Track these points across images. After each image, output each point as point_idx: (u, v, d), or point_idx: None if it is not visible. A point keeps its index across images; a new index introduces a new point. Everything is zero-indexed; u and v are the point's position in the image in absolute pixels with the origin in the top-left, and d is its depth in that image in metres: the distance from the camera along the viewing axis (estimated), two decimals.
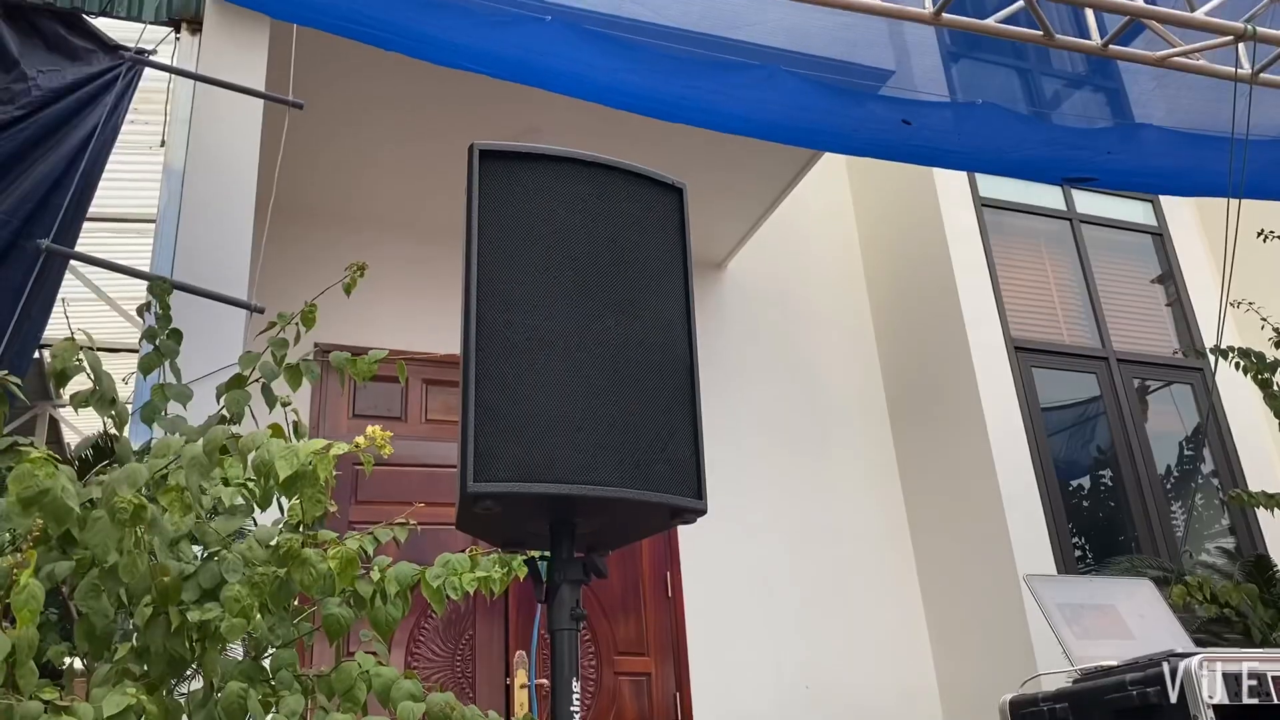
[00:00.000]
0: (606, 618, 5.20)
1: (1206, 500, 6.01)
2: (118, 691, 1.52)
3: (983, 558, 5.38)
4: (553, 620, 1.61)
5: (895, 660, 5.61)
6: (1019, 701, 2.00)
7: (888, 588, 5.79)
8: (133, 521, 1.54)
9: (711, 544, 5.51)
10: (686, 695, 5.17)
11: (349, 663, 1.91)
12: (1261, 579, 3.71)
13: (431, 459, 5.15)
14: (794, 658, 5.43)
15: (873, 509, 5.95)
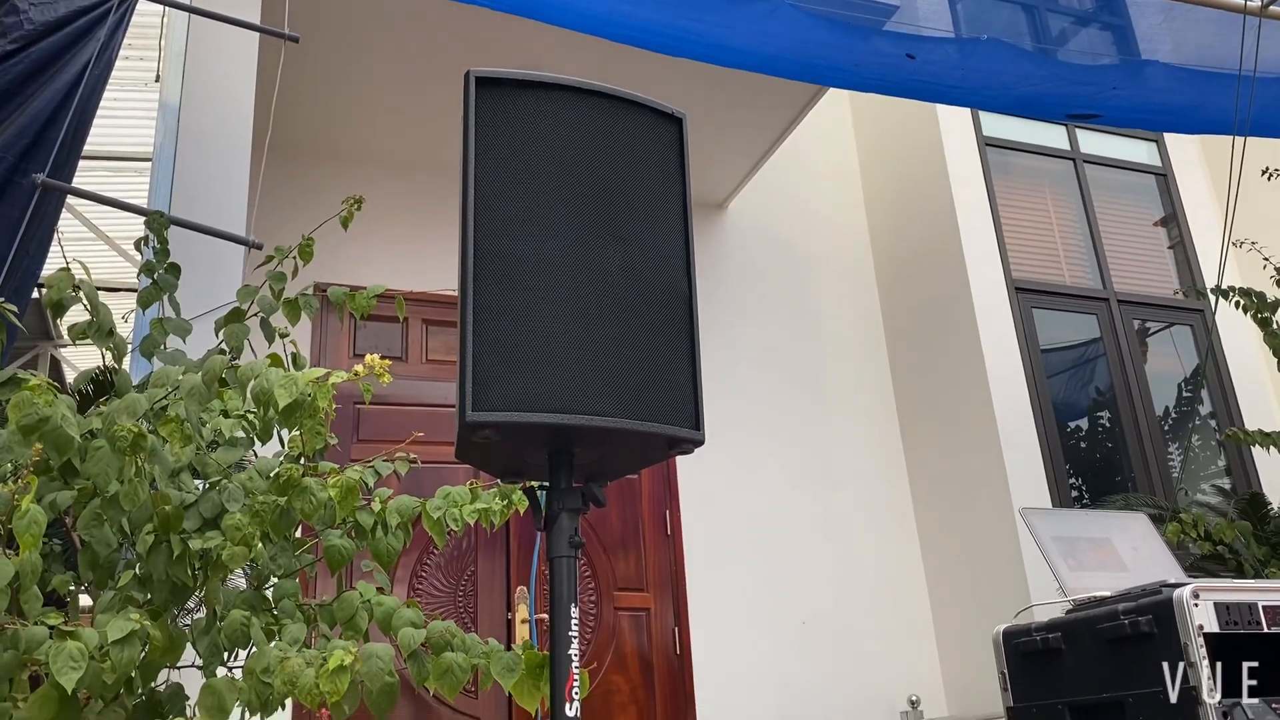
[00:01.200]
0: (607, 555, 5.26)
1: (1203, 441, 6.04)
2: (122, 617, 1.54)
3: (980, 496, 5.42)
4: (552, 548, 1.62)
5: (891, 596, 5.68)
6: (1012, 632, 2.02)
7: (884, 525, 5.84)
8: (133, 450, 1.55)
9: (710, 483, 5.55)
10: (685, 630, 5.25)
11: (351, 592, 1.94)
12: (1255, 516, 3.74)
13: (432, 398, 5.17)
14: (790, 594, 5.50)
15: (871, 448, 5.99)
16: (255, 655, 1.68)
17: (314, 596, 2.09)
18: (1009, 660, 2.02)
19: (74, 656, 1.48)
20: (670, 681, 5.15)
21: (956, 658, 5.52)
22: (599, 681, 4.98)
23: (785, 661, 5.37)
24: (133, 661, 1.54)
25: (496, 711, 4.73)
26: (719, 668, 5.23)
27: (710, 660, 5.22)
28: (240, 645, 1.80)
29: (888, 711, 5.41)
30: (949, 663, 5.57)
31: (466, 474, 4.22)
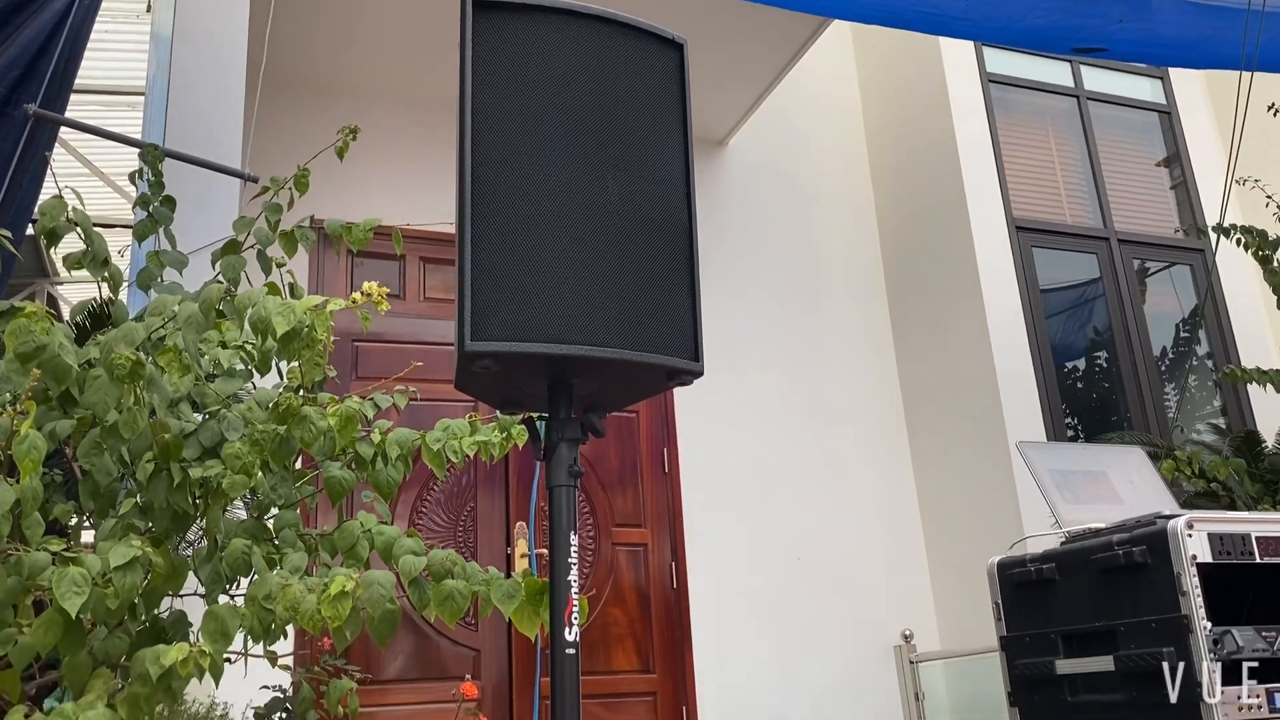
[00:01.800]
0: (605, 491, 5.29)
1: (1200, 382, 6.06)
2: (124, 544, 1.55)
3: (976, 434, 5.44)
4: (551, 477, 1.63)
5: (886, 532, 5.74)
6: (1006, 563, 2.04)
7: (880, 463, 5.88)
8: (131, 378, 1.55)
9: (708, 421, 5.57)
10: (682, 565, 5.30)
11: (351, 522, 1.95)
12: (1250, 454, 3.76)
13: (430, 336, 5.16)
14: (786, 530, 5.55)
15: (868, 386, 6.01)
16: (257, 582, 1.70)
17: (315, 528, 2.11)
18: (1002, 591, 2.04)
19: (77, 582, 1.50)
20: (667, 615, 5.22)
21: (949, 593, 5.59)
22: (597, 614, 5.05)
23: (780, 596, 5.44)
24: (135, 588, 1.55)
25: (496, 643, 4.80)
26: (715, 602, 5.30)
27: (706, 595, 5.29)
28: (242, 573, 1.82)
29: (881, 645, 5.49)
30: (942, 598, 5.64)
31: (465, 411, 4.22)
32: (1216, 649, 1.66)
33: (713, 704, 5.11)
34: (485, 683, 4.69)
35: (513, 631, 4.82)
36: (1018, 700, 2.00)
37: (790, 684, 5.29)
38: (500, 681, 4.73)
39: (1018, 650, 1.99)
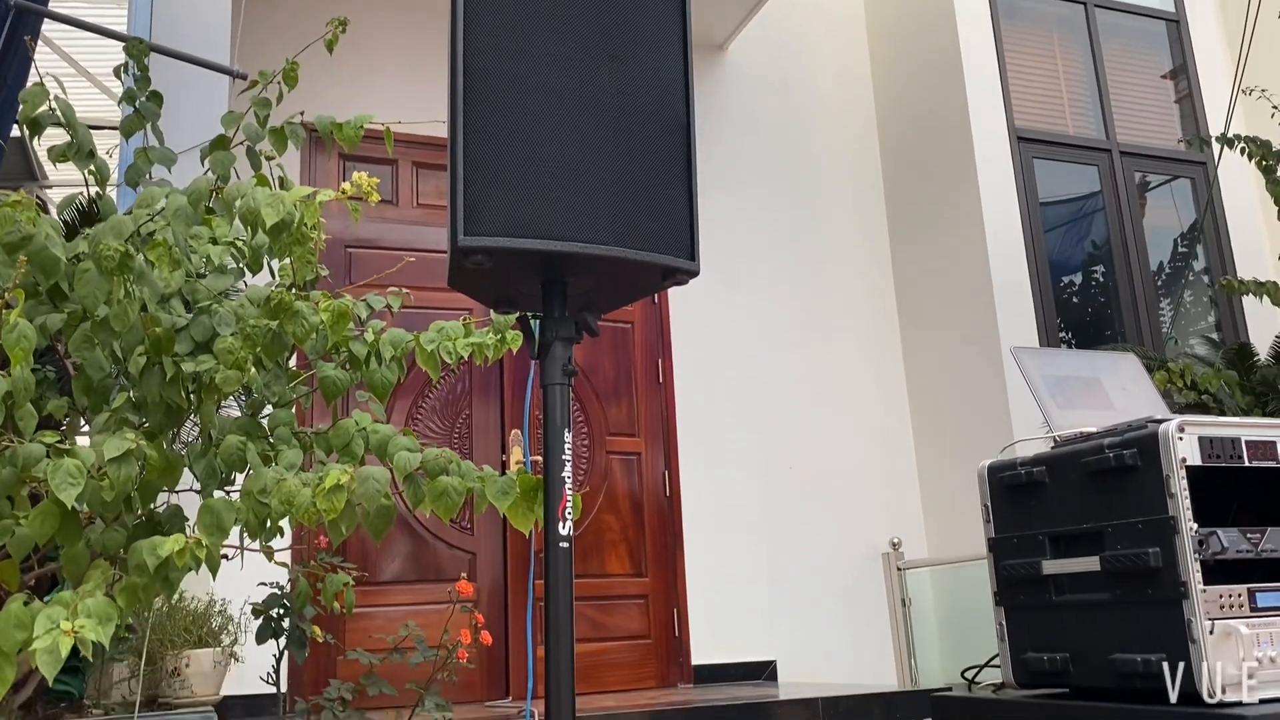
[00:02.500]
0: (600, 401, 5.32)
1: (1195, 298, 6.05)
2: (118, 437, 1.55)
3: (970, 347, 5.45)
4: (545, 375, 1.62)
5: (877, 443, 5.79)
6: (997, 466, 2.06)
7: (874, 374, 5.90)
8: (120, 270, 1.53)
9: (703, 331, 5.57)
10: (675, 474, 5.36)
11: (346, 420, 1.95)
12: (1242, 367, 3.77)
13: (423, 243, 5.12)
14: (778, 441, 5.59)
15: (864, 298, 6.00)
16: (252, 477, 1.71)
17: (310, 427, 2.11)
18: (992, 493, 2.06)
19: (72, 473, 1.50)
20: (659, 522, 5.29)
21: (938, 503, 5.67)
22: (591, 520, 5.12)
23: (771, 505, 5.51)
24: (130, 480, 1.56)
25: (491, 546, 4.87)
26: (707, 510, 5.37)
27: (698, 503, 5.36)
28: (237, 469, 1.82)
29: (869, 553, 5.58)
30: (931, 507, 5.72)
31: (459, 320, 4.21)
32: (1202, 549, 1.69)
33: (703, 608, 5.21)
34: (480, 585, 4.77)
35: (508, 536, 4.88)
36: (1003, 600, 2.03)
37: (779, 590, 5.39)
38: (495, 584, 4.81)
39: (1005, 551, 2.02)
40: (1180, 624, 1.67)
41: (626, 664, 5.02)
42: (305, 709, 2.51)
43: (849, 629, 5.41)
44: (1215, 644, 1.65)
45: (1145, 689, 1.74)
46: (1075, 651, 1.87)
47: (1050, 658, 1.90)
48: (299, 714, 2.50)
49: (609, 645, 5.00)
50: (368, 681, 2.59)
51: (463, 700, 4.49)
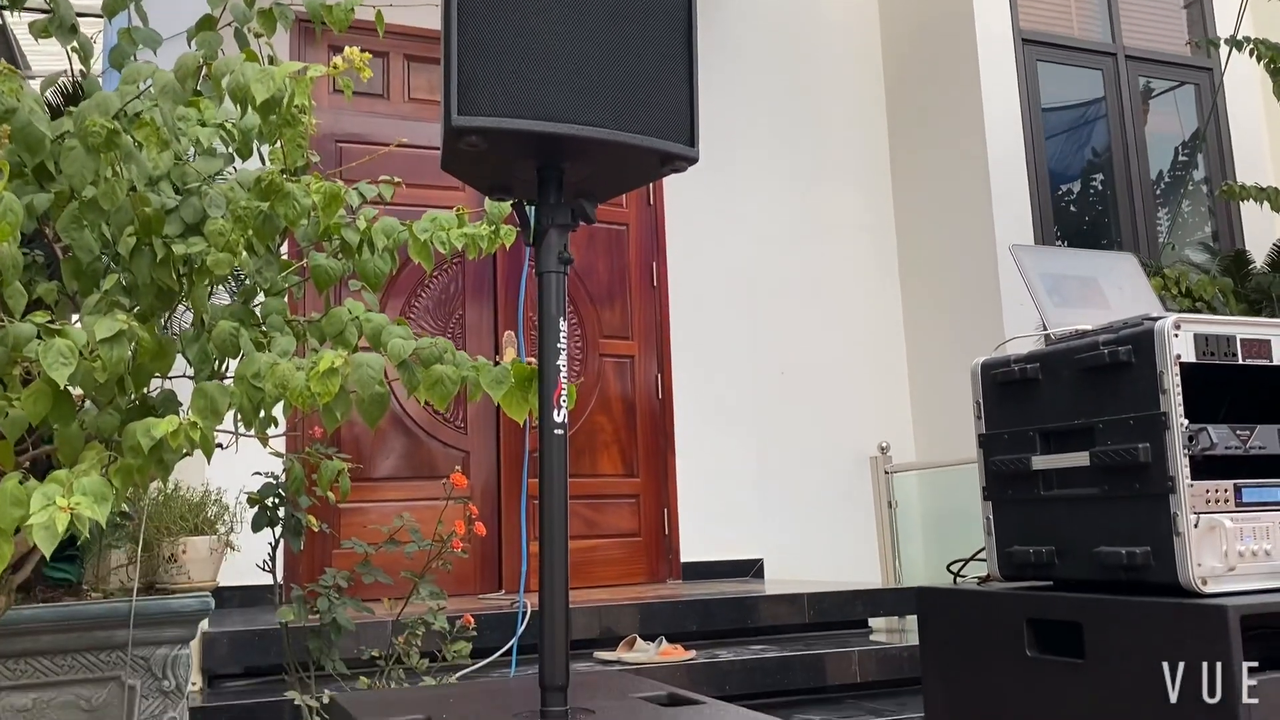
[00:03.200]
0: (594, 304, 5.31)
1: (1193, 208, 6.01)
2: (109, 318, 1.54)
3: (966, 252, 5.43)
4: (540, 263, 1.60)
5: (869, 348, 5.81)
6: (990, 363, 2.06)
7: (868, 279, 5.89)
8: (107, 147, 1.50)
9: (698, 235, 5.53)
10: (668, 377, 5.38)
11: (339, 308, 1.94)
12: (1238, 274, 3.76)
13: (416, 139, 5.03)
14: (771, 344, 5.61)
15: (861, 202, 5.95)
16: (245, 361, 1.70)
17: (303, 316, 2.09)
18: (984, 390, 2.07)
19: (64, 353, 1.49)
20: (651, 424, 5.33)
21: (928, 408, 5.71)
22: (584, 421, 5.15)
23: (763, 409, 5.55)
24: (123, 361, 1.55)
25: (485, 445, 4.91)
26: (698, 413, 5.40)
27: (690, 406, 5.39)
28: (230, 355, 1.81)
29: (858, 457, 5.64)
30: (920, 412, 5.76)
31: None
32: (1191, 445, 1.70)
33: (693, 508, 5.29)
34: (474, 484, 4.82)
35: (501, 435, 4.92)
36: (991, 495, 2.05)
37: (768, 492, 5.46)
38: (488, 483, 4.86)
39: (995, 447, 2.03)
40: (1166, 517, 1.70)
41: (617, 560, 5.11)
42: (301, 595, 2.55)
43: (836, 530, 5.50)
44: (1199, 537, 1.68)
45: (1128, 581, 1.78)
46: (1060, 545, 1.90)
47: (1035, 551, 1.93)
48: (295, 600, 2.54)
49: (601, 542, 5.08)
50: (363, 570, 2.62)
51: (456, 593, 4.57)
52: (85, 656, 2.34)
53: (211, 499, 2.75)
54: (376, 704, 1.62)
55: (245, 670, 3.38)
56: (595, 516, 5.10)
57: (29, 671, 2.28)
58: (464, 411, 4.89)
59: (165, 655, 2.42)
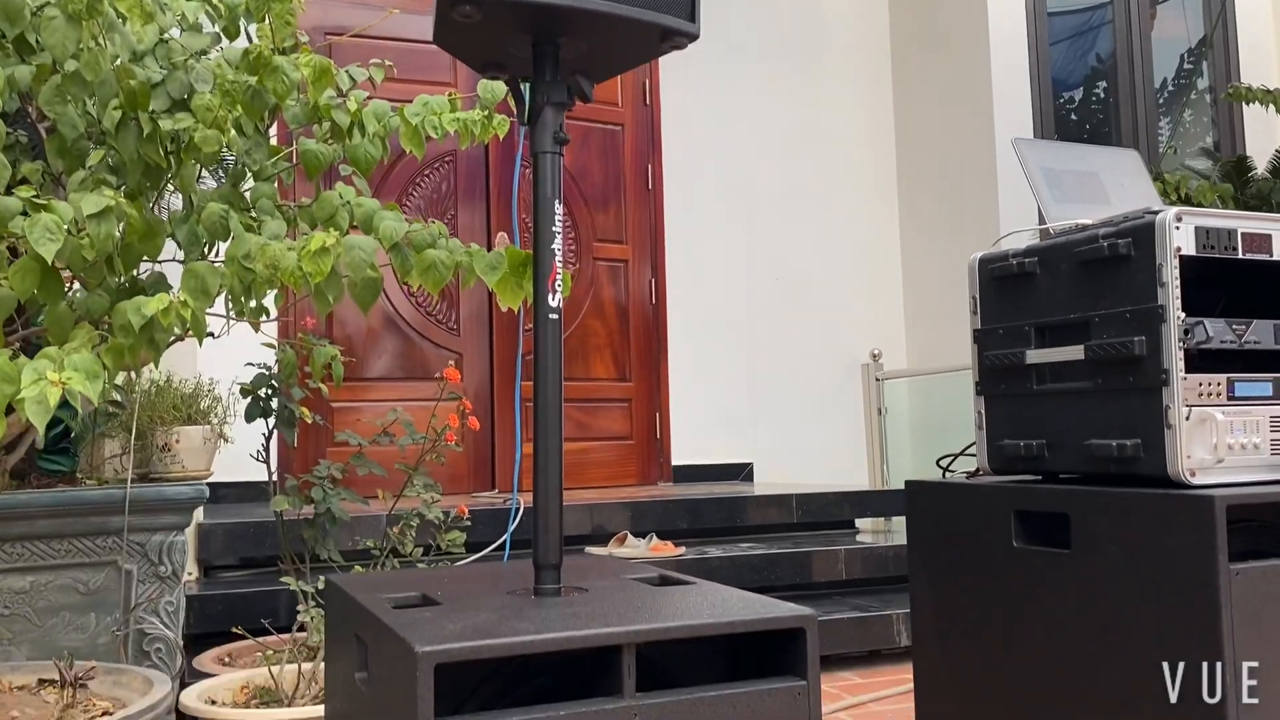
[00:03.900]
0: (588, 207, 5.25)
1: (1195, 117, 5.93)
2: (96, 193, 1.51)
3: (965, 160, 5.37)
4: (535, 143, 1.57)
5: (865, 256, 5.79)
6: (988, 258, 2.05)
7: (867, 188, 5.84)
8: (88, 15, 1.45)
9: (695, 138, 5.45)
10: (661, 282, 5.35)
11: (329, 193, 1.91)
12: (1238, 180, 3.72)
13: (408, 33, 4.91)
14: (766, 251, 5.58)
15: (861, 109, 5.86)
16: (236, 242, 1.68)
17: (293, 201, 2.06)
18: (981, 285, 2.06)
19: (50, 228, 1.47)
20: (644, 329, 5.32)
21: (920, 317, 5.71)
22: (577, 325, 5.14)
23: (755, 315, 5.54)
24: (111, 237, 1.53)
25: (478, 348, 4.90)
26: (691, 319, 5.40)
27: (683, 311, 5.38)
28: (219, 237, 1.79)
29: (849, 364, 5.66)
30: (913, 321, 5.77)
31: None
32: (1187, 338, 1.70)
33: (685, 413, 5.32)
34: (467, 386, 4.82)
35: (494, 338, 4.91)
36: (984, 389, 2.06)
37: (759, 398, 5.49)
38: (481, 386, 4.87)
39: (990, 342, 2.03)
40: (1158, 410, 1.70)
41: (609, 463, 5.15)
42: (295, 485, 2.56)
43: (825, 436, 5.54)
44: (1190, 429, 1.69)
45: (1117, 473, 1.79)
46: (1051, 438, 1.91)
47: (1026, 444, 1.94)
48: (289, 491, 2.55)
49: (593, 445, 5.11)
50: (357, 462, 2.64)
51: (450, 492, 4.61)
52: (81, 542, 2.36)
53: (205, 390, 2.75)
54: (372, 583, 1.64)
55: (241, 562, 3.42)
56: (587, 420, 5.13)
57: (26, 555, 2.30)
58: (457, 313, 4.88)
59: (161, 541, 2.44)
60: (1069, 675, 1.80)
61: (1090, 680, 1.76)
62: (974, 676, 2.01)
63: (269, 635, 2.57)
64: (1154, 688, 1.65)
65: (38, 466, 2.80)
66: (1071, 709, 1.79)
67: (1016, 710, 1.91)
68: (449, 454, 2.71)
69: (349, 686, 1.50)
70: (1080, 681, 1.78)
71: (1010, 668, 1.92)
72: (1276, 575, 1.63)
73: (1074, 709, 1.79)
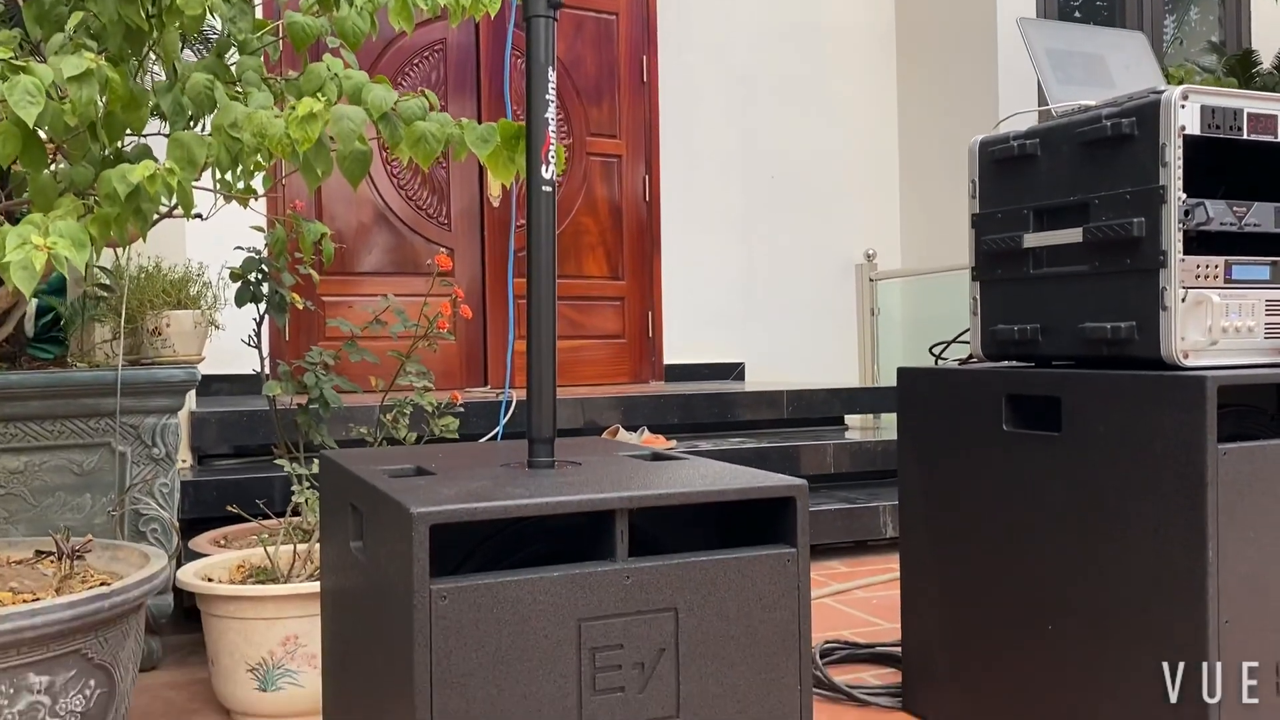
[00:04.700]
0: (581, 101, 5.16)
1: (1201, 16, 5.81)
2: (76, 56, 1.47)
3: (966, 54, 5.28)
4: (529, 7, 1.52)
5: (862, 156, 5.73)
6: (989, 140, 2.02)
7: (865, 85, 5.74)
8: None
9: (691, 29, 5.33)
10: (655, 178, 5.29)
11: (317, 64, 1.85)
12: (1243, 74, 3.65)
13: None
14: (763, 148, 5.51)
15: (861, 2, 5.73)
16: (222, 111, 1.64)
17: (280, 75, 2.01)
18: (980, 168, 2.03)
19: (30, 91, 1.42)
20: (637, 226, 5.28)
21: (916, 217, 5.67)
22: (569, 223, 5.09)
23: (751, 213, 5.50)
24: (93, 102, 1.49)
25: (470, 243, 4.86)
26: (685, 216, 5.35)
27: (677, 208, 5.33)
28: (204, 109, 1.74)
29: (844, 264, 5.64)
30: (909, 221, 5.73)
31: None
32: (1187, 219, 1.68)
33: (678, 312, 5.31)
34: (459, 281, 4.79)
35: (485, 233, 4.86)
36: (980, 274, 2.05)
37: (752, 297, 5.48)
38: (473, 283, 4.84)
39: (987, 227, 2.01)
40: (1154, 292, 1.70)
41: (601, 361, 5.16)
42: (288, 370, 2.56)
43: (818, 337, 5.55)
44: (1186, 311, 1.68)
45: (1110, 356, 1.79)
46: (1046, 322, 1.90)
47: (1020, 329, 1.94)
48: (282, 376, 2.55)
49: (585, 343, 5.11)
50: (349, 349, 2.63)
51: (442, 388, 4.62)
52: (74, 423, 2.36)
53: (194, 275, 2.72)
54: (367, 457, 1.64)
55: (235, 450, 3.44)
56: (580, 318, 5.12)
57: (19, 435, 2.30)
58: (447, 208, 4.82)
59: (154, 424, 2.45)
60: (1055, 556, 1.83)
61: (1076, 561, 1.79)
62: (959, 559, 2.04)
63: (265, 519, 2.60)
64: (1140, 565, 1.68)
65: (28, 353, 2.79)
66: (1057, 590, 1.83)
67: (1001, 592, 1.94)
68: (441, 350, 2.71)
69: (345, 558, 1.52)
70: (1066, 563, 1.81)
71: (996, 550, 1.95)
72: (1263, 455, 1.65)
73: (1059, 590, 1.82)
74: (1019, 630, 1.90)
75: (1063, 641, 1.81)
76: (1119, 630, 1.71)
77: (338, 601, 1.58)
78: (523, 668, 1.19)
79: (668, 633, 1.26)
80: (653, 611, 1.26)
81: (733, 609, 1.30)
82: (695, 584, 1.28)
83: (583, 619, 1.22)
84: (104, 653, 1.66)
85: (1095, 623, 1.75)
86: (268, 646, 2.08)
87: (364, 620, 1.40)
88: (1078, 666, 1.79)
